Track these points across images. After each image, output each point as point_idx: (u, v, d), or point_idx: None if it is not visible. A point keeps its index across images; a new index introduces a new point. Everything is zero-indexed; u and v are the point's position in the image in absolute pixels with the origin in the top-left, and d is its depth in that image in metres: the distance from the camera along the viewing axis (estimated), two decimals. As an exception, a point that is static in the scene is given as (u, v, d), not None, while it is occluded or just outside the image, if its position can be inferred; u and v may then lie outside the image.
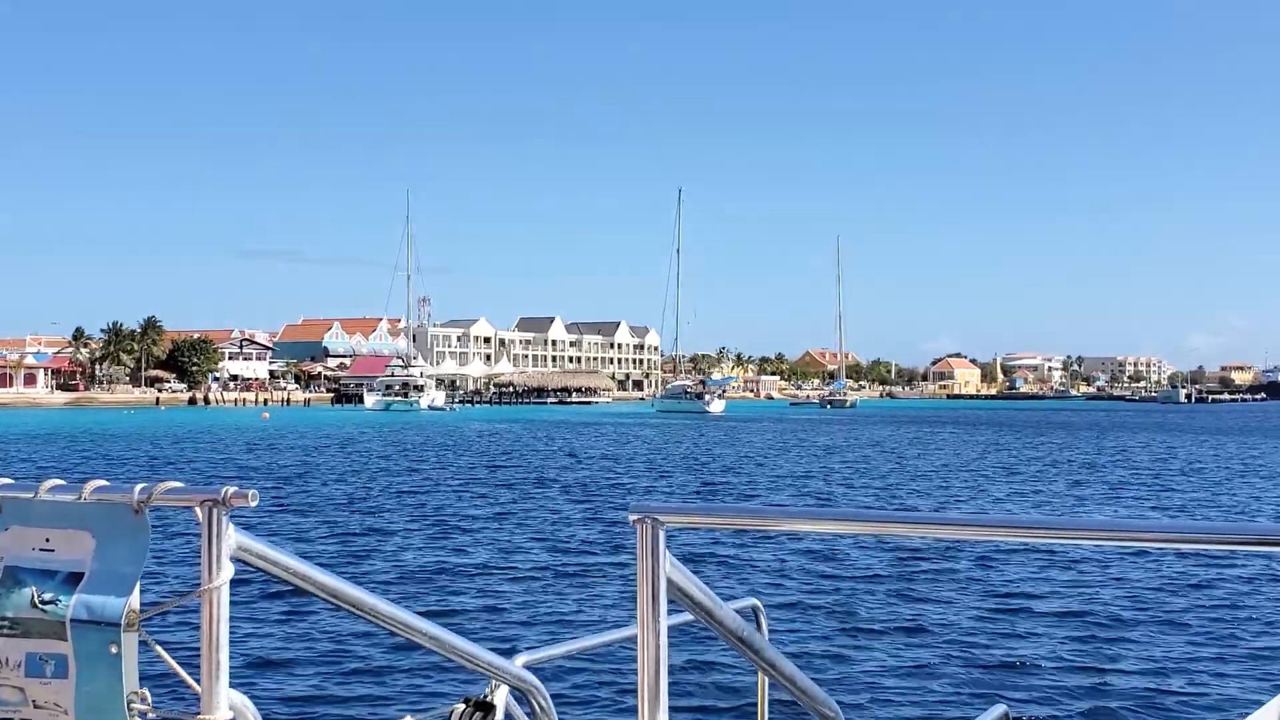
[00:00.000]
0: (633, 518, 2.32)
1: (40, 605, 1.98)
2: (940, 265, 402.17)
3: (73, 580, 1.98)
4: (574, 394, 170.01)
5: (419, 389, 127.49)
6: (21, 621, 1.98)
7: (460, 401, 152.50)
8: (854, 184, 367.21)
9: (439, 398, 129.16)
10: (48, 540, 2.03)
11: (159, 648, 2.01)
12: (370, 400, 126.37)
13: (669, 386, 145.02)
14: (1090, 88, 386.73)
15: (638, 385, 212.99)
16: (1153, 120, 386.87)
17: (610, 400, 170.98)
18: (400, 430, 74.85)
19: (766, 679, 3.39)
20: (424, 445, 57.82)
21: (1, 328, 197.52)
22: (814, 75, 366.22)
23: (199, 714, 1.95)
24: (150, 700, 1.97)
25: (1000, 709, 3.70)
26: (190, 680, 1.98)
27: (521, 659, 2.92)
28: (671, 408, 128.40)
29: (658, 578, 2.29)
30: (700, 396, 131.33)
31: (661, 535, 2.30)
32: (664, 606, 2.31)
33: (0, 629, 1.99)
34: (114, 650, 1.94)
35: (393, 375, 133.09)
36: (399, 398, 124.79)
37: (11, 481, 2.11)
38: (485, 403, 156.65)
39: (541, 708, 2.86)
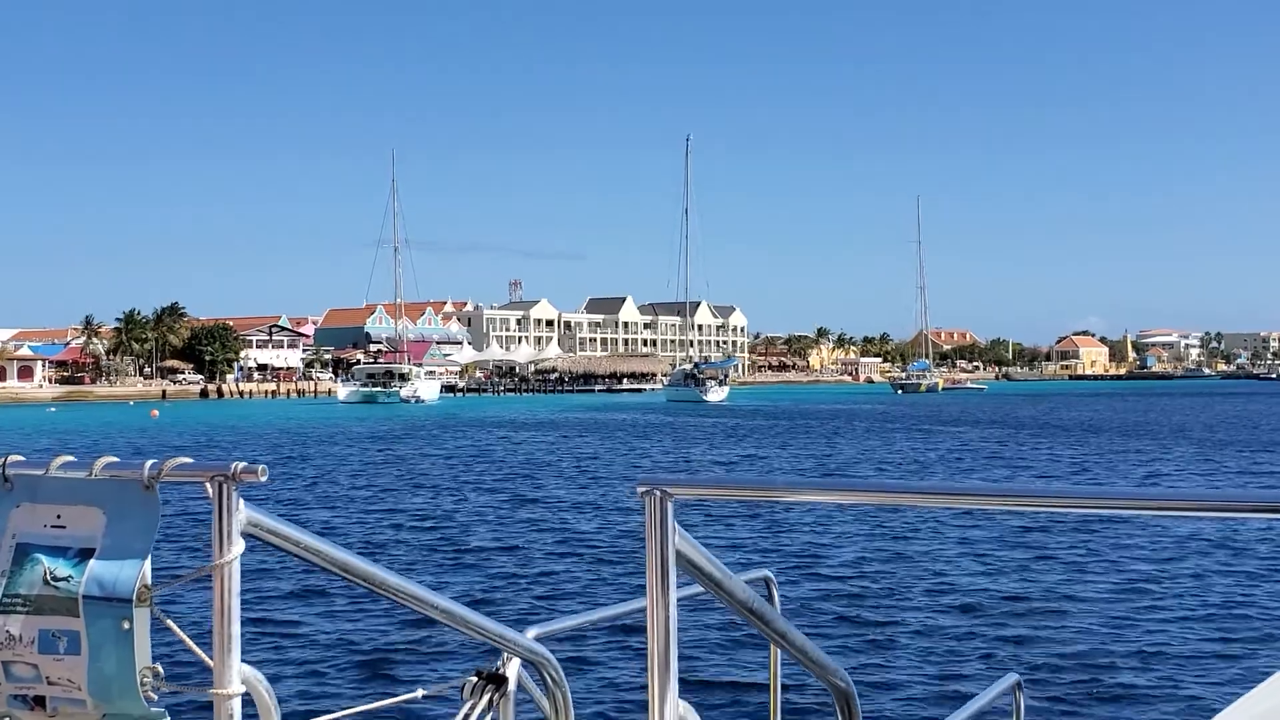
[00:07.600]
0: (641, 490, 2.29)
1: (53, 582, 1.97)
2: (1077, 239, 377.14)
3: (84, 556, 1.97)
4: (625, 380, 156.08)
5: (403, 378, 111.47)
6: (34, 598, 1.98)
7: (508, 390, 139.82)
8: (942, 149, 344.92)
9: (425, 388, 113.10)
10: (59, 516, 2.02)
11: (171, 623, 1.98)
12: (343, 392, 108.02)
13: (673, 372, 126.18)
14: (1236, 45, 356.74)
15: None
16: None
17: (664, 386, 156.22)
18: (276, 436, 61.87)
19: (778, 650, 3.45)
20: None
21: (50, 319, 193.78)
22: (899, 27, 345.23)
23: (211, 689, 1.96)
24: (163, 675, 1.97)
25: (1012, 678, 3.66)
26: (203, 655, 1.97)
27: (533, 632, 2.88)
28: (674, 397, 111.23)
29: (667, 550, 2.27)
30: (701, 383, 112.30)
31: (670, 507, 2.27)
32: (673, 578, 2.29)
33: (13, 606, 1.99)
34: (126, 626, 1.93)
35: (374, 362, 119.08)
36: (380, 388, 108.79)
37: (23, 459, 2.10)
38: (527, 391, 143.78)
39: (553, 679, 2.85)
